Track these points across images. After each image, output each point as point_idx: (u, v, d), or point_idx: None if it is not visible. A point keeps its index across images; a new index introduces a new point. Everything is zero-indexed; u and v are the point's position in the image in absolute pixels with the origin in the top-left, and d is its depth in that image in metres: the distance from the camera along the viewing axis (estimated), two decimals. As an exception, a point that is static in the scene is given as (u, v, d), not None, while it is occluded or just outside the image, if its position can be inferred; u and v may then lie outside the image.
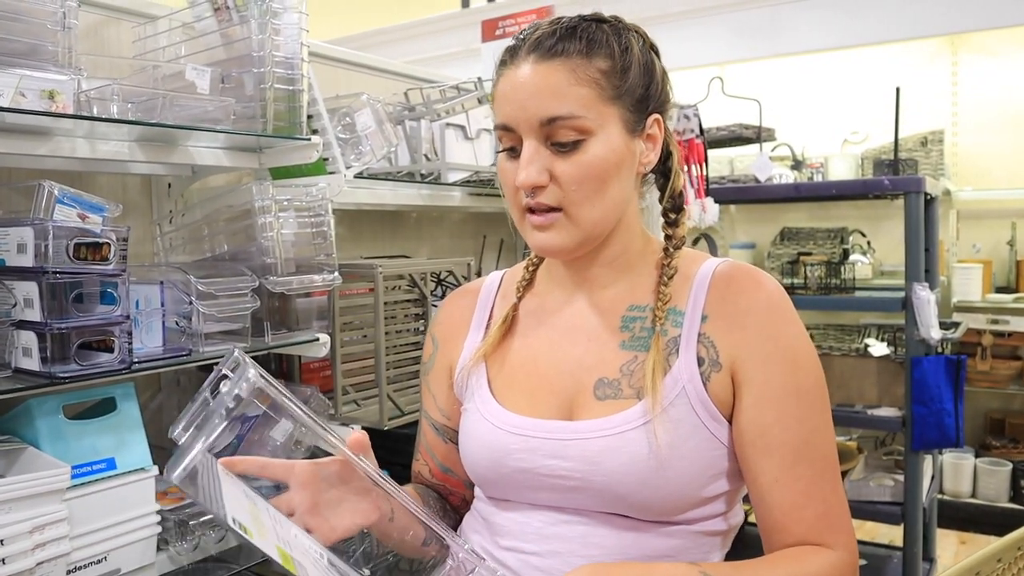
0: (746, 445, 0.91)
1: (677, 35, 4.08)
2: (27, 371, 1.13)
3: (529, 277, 1.08)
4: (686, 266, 0.99)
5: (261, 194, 1.41)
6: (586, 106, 0.89)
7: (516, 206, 0.95)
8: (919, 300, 2.62)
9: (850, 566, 0.90)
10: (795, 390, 0.91)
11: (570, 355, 0.99)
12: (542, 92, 0.89)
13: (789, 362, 0.92)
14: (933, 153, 3.67)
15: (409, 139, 1.92)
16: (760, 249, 4.07)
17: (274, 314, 1.47)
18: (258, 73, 1.40)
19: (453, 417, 1.11)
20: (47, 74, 1.14)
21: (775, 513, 0.91)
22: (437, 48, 4.59)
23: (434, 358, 1.13)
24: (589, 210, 0.92)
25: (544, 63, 0.90)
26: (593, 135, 0.90)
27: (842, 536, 0.90)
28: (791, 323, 0.94)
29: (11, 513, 1.07)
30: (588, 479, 0.91)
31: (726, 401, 0.92)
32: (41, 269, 1.10)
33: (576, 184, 0.90)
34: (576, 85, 0.89)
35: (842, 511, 0.92)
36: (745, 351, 0.92)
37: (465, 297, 1.14)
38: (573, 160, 0.90)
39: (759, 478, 0.91)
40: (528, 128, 0.90)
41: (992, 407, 3.99)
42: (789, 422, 0.90)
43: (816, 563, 0.88)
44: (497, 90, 0.95)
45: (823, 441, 0.92)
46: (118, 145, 1.30)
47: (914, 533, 2.70)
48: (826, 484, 0.91)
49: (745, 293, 0.94)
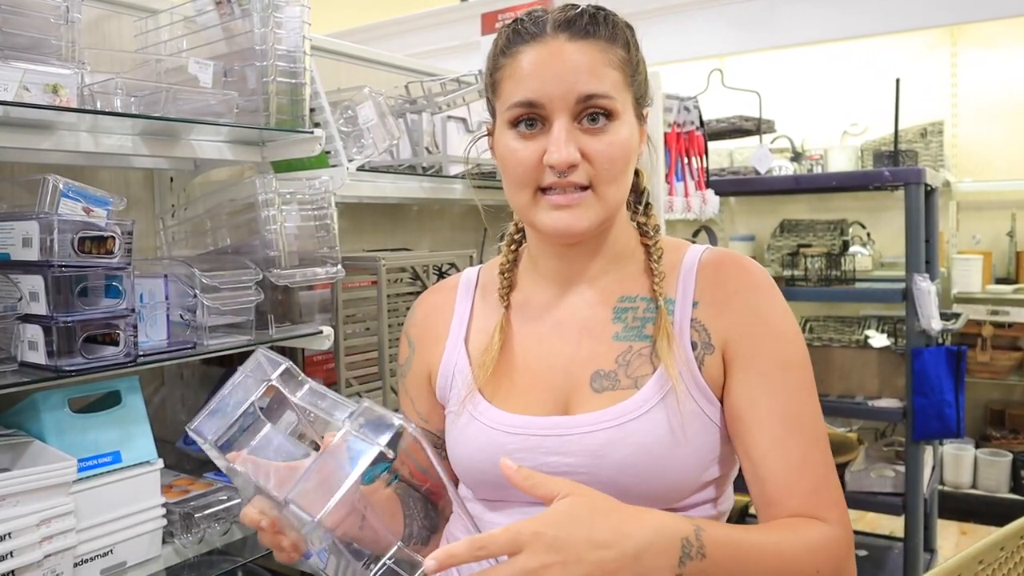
0: (736, 419, 0.92)
1: (677, 27, 4.07)
2: (33, 365, 1.13)
3: (507, 283, 1.06)
4: (671, 255, 1.00)
5: (264, 187, 1.41)
6: (616, 87, 0.91)
7: (528, 186, 0.93)
8: (919, 291, 2.63)
9: (845, 541, 0.89)
10: (782, 364, 0.93)
11: (562, 350, 0.98)
12: (581, 69, 0.89)
13: (776, 337, 0.93)
14: (933, 144, 3.68)
15: (410, 132, 1.93)
16: (760, 241, 4.08)
17: (277, 307, 1.47)
18: (260, 67, 1.40)
19: (431, 420, 1.10)
20: (51, 68, 1.14)
21: (769, 486, 0.91)
22: (437, 41, 4.59)
23: (411, 361, 1.11)
24: (615, 190, 0.93)
25: (578, 42, 0.90)
26: (619, 117, 0.92)
27: (836, 510, 0.90)
28: (776, 301, 0.96)
29: (18, 506, 1.08)
30: (595, 472, 0.91)
31: (719, 382, 0.94)
32: (46, 263, 1.10)
33: (608, 163, 0.91)
34: (607, 66, 0.91)
35: (835, 485, 0.92)
36: (734, 331, 0.94)
37: (440, 294, 1.12)
38: (604, 140, 0.91)
39: (751, 451, 0.91)
40: (563, 105, 0.90)
41: (992, 398, 4.00)
42: (777, 394, 0.91)
43: (811, 534, 0.87)
44: (515, 66, 0.92)
45: (812, 414, 0.93)
46: (121, 139, 1.30)
47: (915, 524, 2.71)
48: (818, 456, 0.91)
49: (732, 277, 0.96)
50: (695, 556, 0.78)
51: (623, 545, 0.74)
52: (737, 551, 0.81)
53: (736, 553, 0.81)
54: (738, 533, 0.83)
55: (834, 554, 0.87)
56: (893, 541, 3.23)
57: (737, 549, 0.82)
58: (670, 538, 0.77)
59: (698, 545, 0.78)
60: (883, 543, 3.25)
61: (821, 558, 0.86)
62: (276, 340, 1.44)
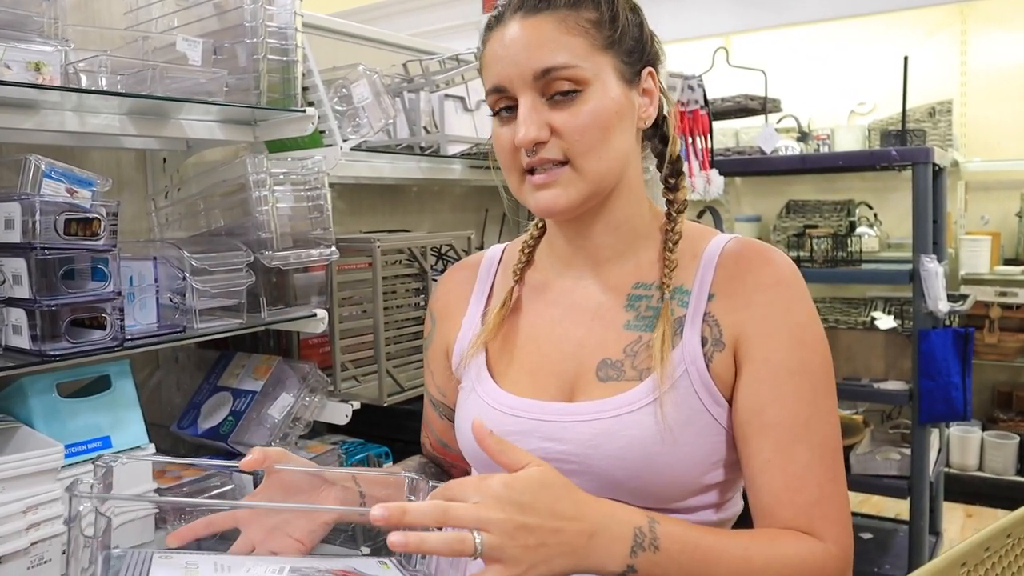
0: (742, 424, 0.88)
1: (682, 5, 4.02)
2: (18, 349, 1.11)
3: (527, 257, 1.05)
4: (694, 244, 0.96)
5: (255, 168, 1.39)
6: (579, 55, 0.87)
7: (515, 170, 0.92)
8: (927, 272, 2.59)
9: (836, 559, 0.84)
10: (797, 369, 0.87)
11: (573, 335, 0.96)
12: (532, 45, 0.87)
13: (793, 339, 0.88)
14: (941, 124, 3.62)
15: (408, 111, 1.89)
16: (766, 222, 4.04)
17: (271, 290, 1.45)
18: (251, 44, 1.37)
19: (448, 395, 1.09)
20: (33, 45, 1.12)
21: (764, 496, 0.86)
22: (439, 20, 4.54)
23: (432, 335, 1.11)
24: (596, 161, 0.89)
25: (531, 17, 0.88)
26: (590, 85, 0.88)
27: (834, 528, 0.85)
28: (799, 300, 0.90)
29: (4, 493, 1.06)
30: (586, 463, 0.88)
31: (728, 382, 0.89)
32: (29, 245, 1.07)
33: (579, 134, 0.87)
34: (566, 35, 0.87)
35: (839, 502, 0.86)
36: (749, 328, 0.89)
37: (464, 271, 1.11)
38: (572, 111, 0.87)
39: (752, 459, 0.87)
40: (522, 83, 0.88)
41: (1000, 380, 3.97)
42: (788, 401, 0.86)
43: (792, 547, 0.82)
44: (486, 55, 0.92)
45: (824, 425, 0.87)
46: (108, 118, 1.27)
47: (920, 506, 2.69)
48: (824, 471, 0.86)
49: (753, 270, 0.91)
50: (648, 547, 0.77)
51: (581, 522, 0.74)
52: (695, 549, 0.79)
53: (693, 551, 0.79)
54: (698, 532, 0.81)
55: (815, 573, 0.82)
56: (898, 524, 3.22)
57: (695, 547, 0.79)
58: (623, 525, 0.77)
59: (651, 537, 0.77)
60: (888, 526, 3.24)
61: (794, 573, 0.81)
62: (269, 323, 1.42)
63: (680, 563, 0.78)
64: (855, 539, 0.89)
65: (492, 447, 0.77)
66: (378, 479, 1.01)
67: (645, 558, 0.76)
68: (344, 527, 1.07)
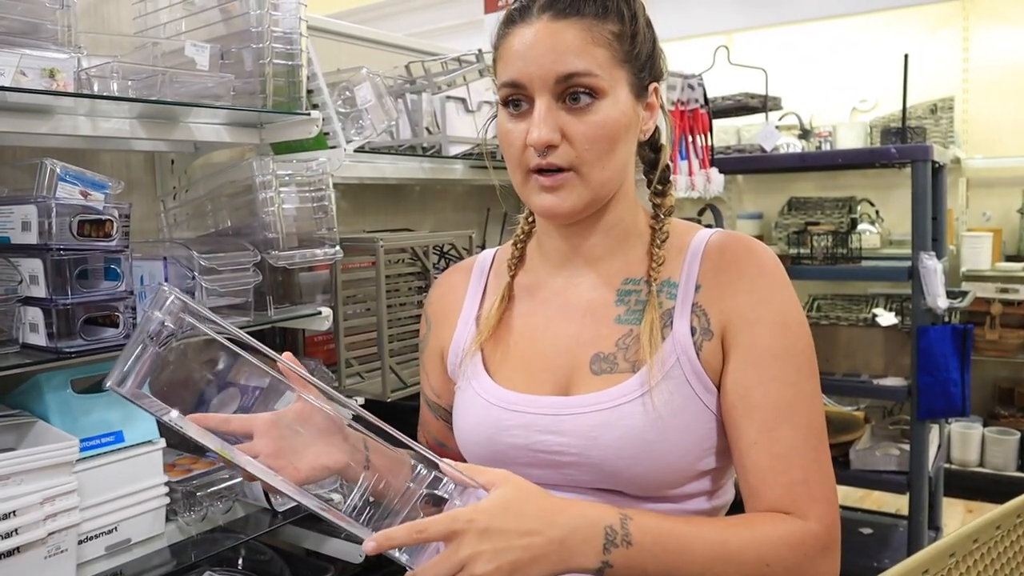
0: (729, 407, 0.91)
1: (683, 3, 4.03)
2: (34, 347, 1.15)
3: (519, 254, 1.08)
4: (679, 238, 0.99)
5: (261, 169, 1.42)
6: (600, 66, 0.90)
7: (521, 167, 0.94)
8: (925, 269, 2.61)
9: (815, 537, 0.86)
10: (781, 352, 0.90)
11: (566, 331, 0.99)
12: (559, 48, 0.89)
13: (777, 325, 0.91)
14: (943, 121, 3.64)
15: (410, 112, 1.93)
16: (767, 219, 4.06)
17: (277, 288, 1.48)
18: (257, 48, 1.40)
19: (443, 396, 1.12)
20: (47, 52, 1.15)
21: (751, 477, 0.89)
22: (440, 20, 4.56)
23: (427, 338, 1.14)
24: (600, 171, 0.92)
25: (560, 21, 0.90)
26: (606, 96, 0.90)
27: (818, 507, 0.87)
28: (781, 288, 0.94)
29: (22, 485, 1.10)
30: (584, 454, 0.91)
31: (717, 369, 0.92)
32: (45, 246, 1.11)
33: (589, 143, 0.90)
34: (591, 44, 0.90)
35: (823, 481, 0.89)
36: (735, 315, 0.92)
37: (457, 275, 1.13)
38: (586, 120, 0.90)
39: (739, 441, 0.90)
40: (542, 85, 0.90)
41: (1001, 376, 3.98)
42: (772, 384, 0.90)
43: (769, 528, 0.85)
44: (505, 48, 0.93)
45: (808, 407, 0.90)
46: (119, 122, 1.31)
47: (919, 502, 2.71)
48: (808, 451, 0.89)
49: (737, 260, 0.94)
50: (620, 543, 0.80)
51: (549, 532, 0.79)
52: (669, 540, 0.82)
53: (667, 542, 0.82)
54: (672, 523, 0.84)
55: (795, 550, 0.84)
56: (898, 519, 3.24)
57: (669, 538, 0.82)
58: (593, 525, 0.81)
59: (623, 533, 0.81)
60: (888, 521, 3.26)
61: (772, 552, 0.84)
62: (275, 321, 1.45)
63: (655, 554, 0.81)
64: (855, 534, 0.92)
65: (465, 482, 0.82)
66: (386, 452, 1.01)
67: (619, 553, 0.80)
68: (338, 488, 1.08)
